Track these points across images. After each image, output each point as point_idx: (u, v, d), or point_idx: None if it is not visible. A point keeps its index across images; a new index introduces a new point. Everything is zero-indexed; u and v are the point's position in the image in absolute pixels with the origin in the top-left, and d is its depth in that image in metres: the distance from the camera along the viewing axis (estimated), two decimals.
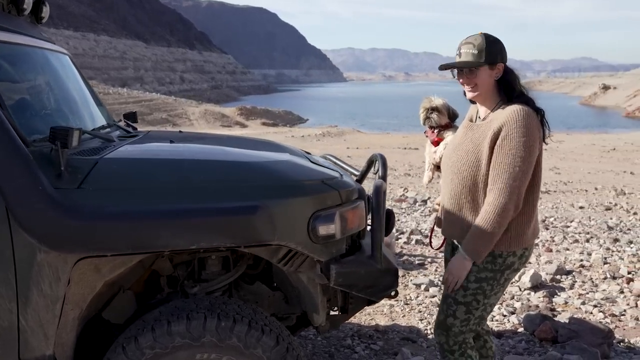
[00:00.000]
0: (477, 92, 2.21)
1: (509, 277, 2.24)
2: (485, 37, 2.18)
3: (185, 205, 1.85)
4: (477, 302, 2.21)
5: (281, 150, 2.62)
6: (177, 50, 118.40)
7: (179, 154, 2.26)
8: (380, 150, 17.24)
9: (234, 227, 1.87)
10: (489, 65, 2.17)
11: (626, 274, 4.70)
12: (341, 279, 2.06)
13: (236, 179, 1.98)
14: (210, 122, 44.75)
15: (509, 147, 2.08)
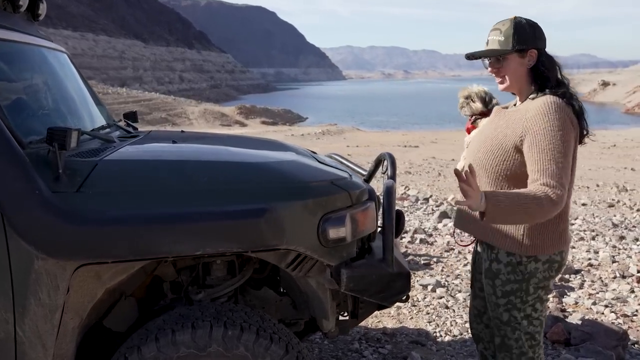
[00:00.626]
0: (507, 83, 2.03)
1: (540, 285, 2.02)
2: (514, 22, 2.00)
3: (190, 208, 1.76)
4: (514, 319, 2.05)
5: (287, 150, 2.53)
6: (176, 49, 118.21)
7: (182, 155, 2.17)
8: (380, 148, 17.31)
9: (240, 231, 1.78)
10: (517, 53, 1.99)
11: (636, 272, 4.61)
12: (352, 284, 1.98)
13: (242, 181, 1.89)
14: (210, 121, 44.71)
15: (545, 141, 1.86)
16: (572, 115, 1.93)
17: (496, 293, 2.07)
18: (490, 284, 2.10)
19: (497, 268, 2.07)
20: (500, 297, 2.06)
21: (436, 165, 15.01)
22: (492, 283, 2.09)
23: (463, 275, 4.60)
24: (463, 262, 5.06)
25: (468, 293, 4.17)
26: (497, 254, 2.07)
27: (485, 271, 2.12)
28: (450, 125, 40.46)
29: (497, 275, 2.07)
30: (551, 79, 2.00)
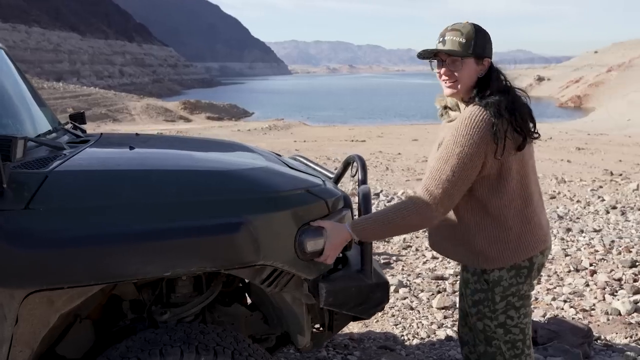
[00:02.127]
0: (457, 88, 1.93)
1: (507, 294, 1.95)
2: (474, 27, 1.92)
3: (157, 225, 1.58)
4: (488, 328, 1.99)
5: (254, 154, 2.38)
6: (115, 42, 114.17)
7: (145, 164, 1.97)
8: (328, 142, 17.19)
9: (214, 248, 1.63)
10: (475, 59, 1.91)
11: (588, 266, 4.74)
12: (332, 299, 1.86)
13: (214, 192, 1.73)
14: (153, 117, 43.47)
15: (446, 151, 1.85)
16: (486, 131, 1.82)
17: (468, 302, 2.06)
18: (463, 292, 2.10)
19: (466, 277, 2.07)
20: (471, 306, 2.05)
21: (383, 160, 15.10)
22: (464, 292, 2.09)
23: (424, 274, 4.59)
24: (422, 260, 5.05)
25: (431, 293, 4.16)
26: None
27: (460, 279, 2.14)
28: (396, 119, 41.09)
29: (467, 284, 2.06)
30: (490, 88, 1.91)
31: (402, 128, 30.68)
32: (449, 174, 1.83)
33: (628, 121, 31.98)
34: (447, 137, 1.87)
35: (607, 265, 4.79)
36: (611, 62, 68.51)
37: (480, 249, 1.95)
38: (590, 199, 9.79)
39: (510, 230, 1.93)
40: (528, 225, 1.95)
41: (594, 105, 48.57)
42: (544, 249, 2.02)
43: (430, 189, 1.84)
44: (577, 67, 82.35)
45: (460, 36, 1.90)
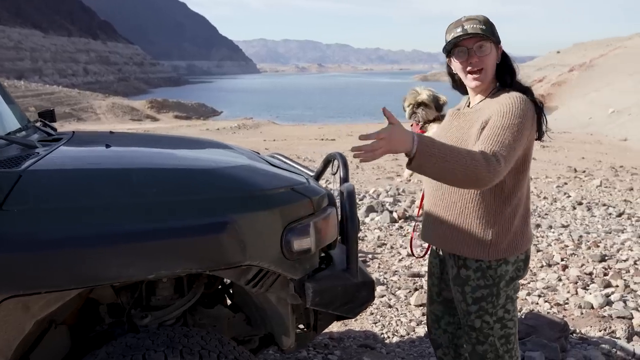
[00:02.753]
0: (484, 77, 1.91)
1: (509, 287, 1.98)
2: (485, 16, 1.91)
3: (140, 225, 1.52)
4: (487, 324, 1.97)
5: (235, 152, 2.32)
6: (79, 40, 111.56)
7: (123, 162, 1.89)
8: (297, 142, 17.21)
9: (200, 249, 1.57)
10: (495, 44, 1.90)
11: (560, 261, 4.84)
12: (318, 298, 1.83)
13: (197, 191, 1.67)
14: (119, 116, 42.67)
15: (504, 119, 1.79)
16: (533, 112, 1.87)
17: (466, 300, 1.99)
18: (459, 290, 2.02)
19: (466, 274, 1.99)
20: (471, 304, 1.99)
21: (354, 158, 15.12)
22: (461, 290, 2.01)
23: (400, 272, 4.60)
24: (398, 258, 5.07)
25: (408, 290, 4.17)
26: (464, 260, 1.99)
27: (454, 278, 2.03)
28: (365, 118, 41.31)
29: (466, 282, 1.99)
30: (516, 74, 1.96)
31: (372, 127, 30.79)
32: (509, 139, 1.76)
33: (589, 119, 32.90)
34: (500, 109, 1.81)
35: (578, 260, 4.90)
36: (573, 62, 70.31)
37: (494, 239, 1.91)
38: (557, 196, 10.03)
39: (522, 219, 1.95)
40: (529, 217, 2.00)
41: (557, 104, 49.76)
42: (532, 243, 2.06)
43: (494, 150, 1.72)
44: (541, 67, 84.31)
45: (480, 23, 1.88)
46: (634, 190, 10.81)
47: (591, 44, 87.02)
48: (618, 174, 13.79)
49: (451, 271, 2.06)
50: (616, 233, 6.51)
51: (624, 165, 15.90)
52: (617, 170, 14.42)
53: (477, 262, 1.96)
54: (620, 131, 26.49)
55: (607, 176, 13.05)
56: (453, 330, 2.24)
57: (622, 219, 7.60)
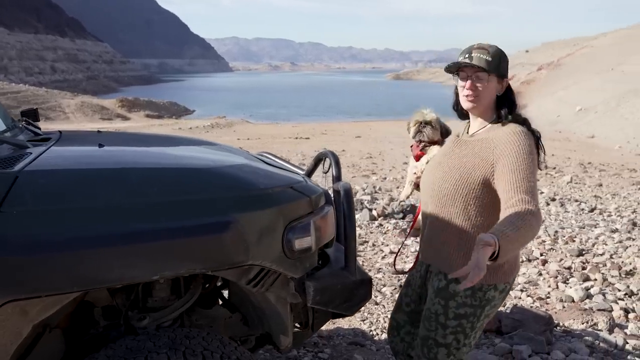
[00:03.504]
0: (479, 102, 2.00)
1: (489, 313, 2.02)
2: (498, 48, 2.02)
3: (142, 226, 1.49)
4: (457, 342, 2.00)
5: (229, 151, 2.31)
6: (46, 37, 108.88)
7: (121, 162, 1.85)
8: (271, 140, 17.12)
9: (203, 249, 1.55)
10: (498, 77, 2.00)
11: (539, 256, 4.94)
12: (319, 297, 1.83)
13: (199, 190, 1.65)
14: (89, 115, 41.83)
15: (519, 165, 1.83)
16: (533, 142, 1.94)
17: (447, 314, 1.99)
18: (442, 304, 2.01)
19: (454, 290, 1.98)
20: (451, 319, 1.99)
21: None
22: (444, 303, 2.00)
23: (384, 269, 4.63)
24: (381, 255, 5.10)
25: (393, 287, 4.20)
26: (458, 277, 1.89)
27: (439, 290, 2.03)
28: (339, 117, 41.41)
29: (453, 297, 1.99)
30: (516, 107, 2.03)
31: (345, 125, 30.96)
32: (532, 181, 1.82)
33: (558, 117, 33.63)
34: (510, 151, 1.87)
35: (557, 255, 5.01)
36: (541, 61, 71.67)
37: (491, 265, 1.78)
38: None
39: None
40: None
41: (526, 102, 50.66)
42: None
43: (525, 198, 1.77)
44: (510, 65, 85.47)
45: (487, 54, 1.97)
46: (602, 186, 11.11)
47: (559, 43, 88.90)
48: (587, 170, 14.16)
49: (437, 284, 2.04)
50: (589, 228, 6.68)
51: (592, 161, 16.32)
52: (586, 167, 14.80)
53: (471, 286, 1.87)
54: (588, 129, 27.17)
55: (576, 172, 13.38)
56: (410, 340, 2.27)
57: (594, 214, 7.80)
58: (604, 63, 47.11)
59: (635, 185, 11.08)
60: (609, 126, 26.07)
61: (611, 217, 7.57)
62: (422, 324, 2.07)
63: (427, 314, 2.05)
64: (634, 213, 7.86)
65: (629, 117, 25.87)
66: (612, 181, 11.96)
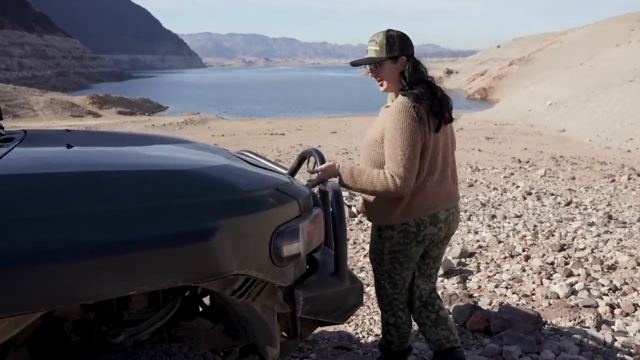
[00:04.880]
0: (385, 85, 2.39)
1: (394, 249, 2.40)
2: (386, 34, 2.35)
3: (116, 236, 1.35)
4: (377, 270, 2.49)
5: (209, 151, 2.16)
6: (13, 32, 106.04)
7: (92, 164, 1.67)
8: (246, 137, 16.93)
9: (185, 259, 1.41)
10: (391, 60, 2.34)
11: (521, 251, 4.91)
12: (309, 306, 1.72)
13: (179, 195, 1.51)
14: (58, 112, 40.89)
15: (391, 135, 2.24)
16: (416, 114, 2.24)
17: (384, 250, 2.45)
18: (370, 246, 2.54)
19: (373, 233, 2.50)
20: (370, 251, 2.52)
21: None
22: (370, 246, 2.53)
23: (367, 268, 4.54)
24: (362, 254, 5.01)
25: None
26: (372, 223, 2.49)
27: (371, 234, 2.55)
28: (314, 112, 41.28)
29: (372, 240, 2.51)
30: (411, 81, 2.33)
31: (321, 121, 30.88)
32: (401, 154, 2.21)
33: (529, 111, 34.11)
34: (387, 125, 2.27)
35: (539, 250, 4.99)
36: (512, 56, 72.66)
37: (381, 209, 2.37)
38: (506, 186, 10.29)
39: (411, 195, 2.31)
40: (421, 193, 2.33)
41: (499, 97, 51.32)
42: (435, 219, 2.37)
43: (394, 170, 2.23)
44: (482, 60, 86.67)
45: (375, 45, 2.36)
46: (575, 179, 11.24)
47: (529, 38, 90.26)
48: (559, 163, 14.33)
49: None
50: (567, 222, 6.71)
51: (563, 155, 16.54)
52: (558, 160, 14.98)
53: (377, 225, 2.45)
54: (559, 122, 27.61)
55: (549, 166, 13.52)
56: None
57: (570, 207, 7.86)
58: (573, 58, 48.00)
59: (607, 178, 11.24)
60: (579, 120, 26.54)
61: (587, 210, 7.63)
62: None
63: None
64: (609, 206, 7.94)
65: (597, 111, 26.38)
66: (585, 174, 12.11)
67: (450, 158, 2.45)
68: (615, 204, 8.15)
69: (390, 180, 2.21)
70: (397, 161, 2.21)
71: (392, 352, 2.65)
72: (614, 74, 32.57)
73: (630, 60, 34.62)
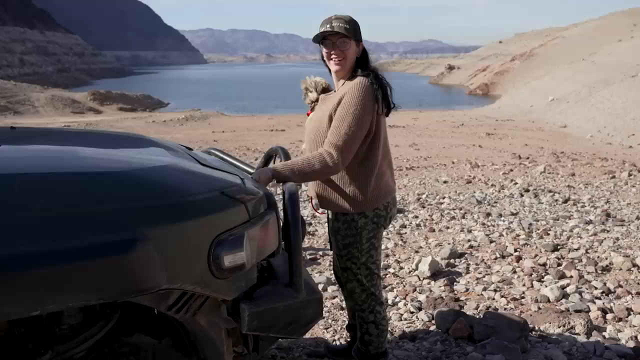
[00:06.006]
0: (344, 64, 2.34)
1: (370, 236, 2.39)
2: (351, 18, 2.35)
3: (17, 249, 1.19)
4: (355, 265, 2.42)
5: (155, 149, 1.99)
6: (14, 29, 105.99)
7: (4, 167, 1.49)
8: (247, 133, 16.81)
9: (99, 275, 1.25)
10: (355, 42, 2.34)
11: (513, 252, 4.74)
12: (256, 322, 1.56)
13: (97, 200, 1.34)
14: (59, 108, 40.82)
15: (343, 110, 2.22)
16: (374, 93, 2.25)
17: (339, 246, 2.43)
18: (334, 239, 2.46)
19: (337, 226, 2.42)
20: (342, 249, 2.42)
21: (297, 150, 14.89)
22: (335, 239, 2.45)
23: None
24: None
25: None
26: (336, 215, 2.42)
27: (330, 229, 2.49)
28: None
29: (338, 232, 2.42)
30: (369, 65, 2.37)
31: None
32: (346, 129, 2.20)
33: (531, 107, 33.90)
34: (344, 100, 2.24)
35: (531, 250, 4.82)
36: (514, 51, 72.32)
37: (353, 196, 2.34)
38: (504, 183, 10.12)
39: (377, 180, 2.36)
40: (384, 175, 2.41)
41: (500, 93, 51.09)
42: (394, 201, 2.48)
43: (333, 142, 2.20)
44: (484, 56, 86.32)
45: (344, 23, 2.31)
46: (575, 175, 11.06)
47: (531, 34, 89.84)
48: (560, 160, 14.15)
49: (330, 224, 2.49)
50: (564, 220, 6.54)
51: (564, 151, 16.37)
52: (559, 156, 14.81)
53: (344, 216, 2.38)
54: (560, 118, 27.41)
55: (549, 162, 13.35)
56: None
57: (568, 205, 7.68)
58: (576, 53, 47.69)
59: (607, 174, 11.06)
60: (580, 115, 26.35)
61: (585, 207, 7.45)
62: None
63: (332, 249, 2.52)
64: (607, 203, 7.77)
65: (599, 107, 26.17)
66: (585, 170, 11.94)
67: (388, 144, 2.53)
68: (614, 201, 7.97)
69: (326, 155, 2.20)
70: (339, 134, 2.20)
71: (370, 356, 2.55)
72: (616, 69, 32.33)
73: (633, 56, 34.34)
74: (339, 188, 2.37)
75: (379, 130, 2.33)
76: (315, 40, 2.37)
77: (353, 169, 2.33)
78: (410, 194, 8.75)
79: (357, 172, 2.34)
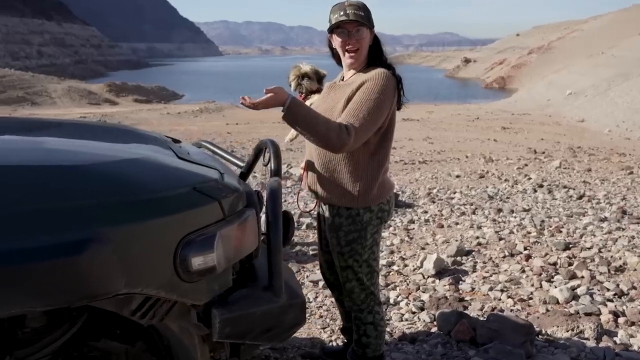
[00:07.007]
0: (359, 56, 2.23)
1: (374, 231, 2.32)
2: (364, 3, 2.23)
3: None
4: (357, 262, 2.31)
5: (132, 141, 1.88)
6: (32, 21, 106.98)
7: None
8: (260, 125, 16.72)
9: (46, 279, 1.14)
10: (369, 31, 2.23)
11: (523, 250, 4.58)
12: (229, 329, 1.44)
13: (51, 197, 1.23)
14: (76, 100, 41.19)
15: (365, 95, 2.12)
16: (394, 86, 2.18)
17: (340, 243, 2.30)
18: (334, 236, 2.32)
19: (339, 222, 2.29)
20: (344, 246, 2.30)
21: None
22: (336, 235, 2.31)
23: None
24: None
25: None
26: (338, 209, 2.29)
27: (329, 226, 2.33)
28: None
29: (340, 228, 2.29)
30: (384, 55, 2.27)
31: None
32: (365, 113, 2.09)
33: (548, 101, 33.34)
34: (366, 85, 2.14)
35: (542, 249, 4.65)
36: (532, 44, 71.25)
37: (361, 190, 2.25)
38: (518, 178, 9.90)
39: (384, 174, 2.31)
40: (388, 171, 2.36)
41: (517, 86, 50.39)
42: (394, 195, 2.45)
43: (350, 122, 2.07)
44: (501, 49, 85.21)
45: (359, 10, 2.18)
46: (592, 171, 10.80)
47: (549, 26, 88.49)
48: (576, 155, 13.85)
49: (327, 221, 2.34)
50: (577, 217, 6.34)
51: (581, 146, 16.02)
52: (575, 151, 14.49)
53: (348, 211, 2.27)
54: (578, 112, 26.90)
55: (565, 157, 13.06)
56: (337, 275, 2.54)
57: (582, 201, 7.47)
58: (595, 47, 46.83)
59: (625, 170, 10.77)
60: (598, 110, 25.85)
61: (600, 204, 7.23)
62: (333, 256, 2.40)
63: (331, 247, 2.37)
64: (623, 200, 7.53)
65: (618, 101, 25.65)
66: (602, 166, 11.66)
67: None
68: (631, 197, 7.73)
69: (344, 128, 2.05)
70: (357, 117, 2.09)
71: (366, 359, 2.44)
72: (636, 63, 31.65)
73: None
74: (347, 180, 2.26)
75: (392, 124, 2.26)
76: (330, 28, 2.24)
77: (364, 161, 2.25)
78: (422, 188, 8.59)
79: (368, 165, 2.26)
